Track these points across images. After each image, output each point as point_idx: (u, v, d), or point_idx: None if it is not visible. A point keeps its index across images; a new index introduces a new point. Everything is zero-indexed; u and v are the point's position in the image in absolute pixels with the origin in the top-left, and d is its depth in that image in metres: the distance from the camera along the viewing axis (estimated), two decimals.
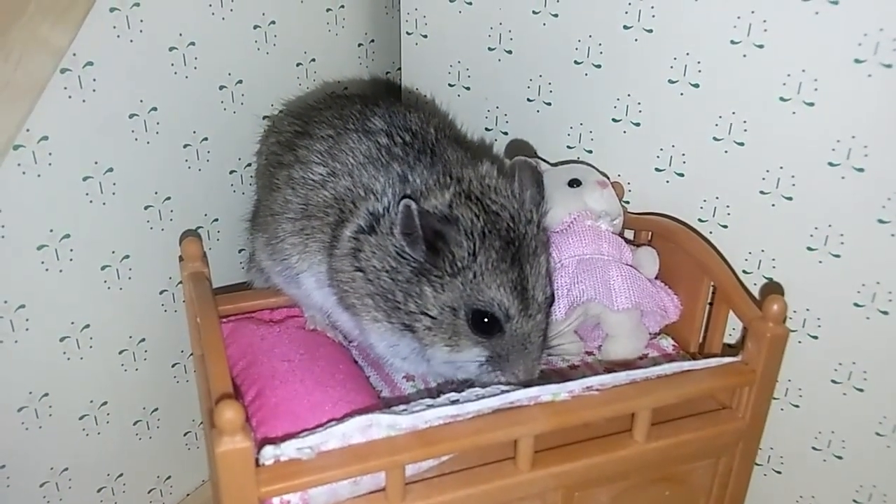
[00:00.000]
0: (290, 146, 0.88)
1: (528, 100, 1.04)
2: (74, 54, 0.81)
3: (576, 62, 0.98)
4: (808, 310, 0.92)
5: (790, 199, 0.89)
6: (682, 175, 0.96)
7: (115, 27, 0.84)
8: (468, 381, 0.77)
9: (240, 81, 0.99)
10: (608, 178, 1.00)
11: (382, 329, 0.79)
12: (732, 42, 0.87)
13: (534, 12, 0.99)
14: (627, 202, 1.02)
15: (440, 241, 0.73)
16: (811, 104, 0.84)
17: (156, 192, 0.94)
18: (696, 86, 0.91)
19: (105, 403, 0.96)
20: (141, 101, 0.89)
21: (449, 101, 1.10)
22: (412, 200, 0.72)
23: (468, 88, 1.09)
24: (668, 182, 0.97)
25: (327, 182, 0.82)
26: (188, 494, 1.11)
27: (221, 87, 0.98)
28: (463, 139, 0.94)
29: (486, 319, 0.74)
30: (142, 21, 0.86)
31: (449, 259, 0.73)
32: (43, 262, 0.85)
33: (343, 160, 0.82)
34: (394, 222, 0.75)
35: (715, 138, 0.92)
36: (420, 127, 0.86)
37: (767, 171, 0.89)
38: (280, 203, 0.85)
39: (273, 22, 1.00)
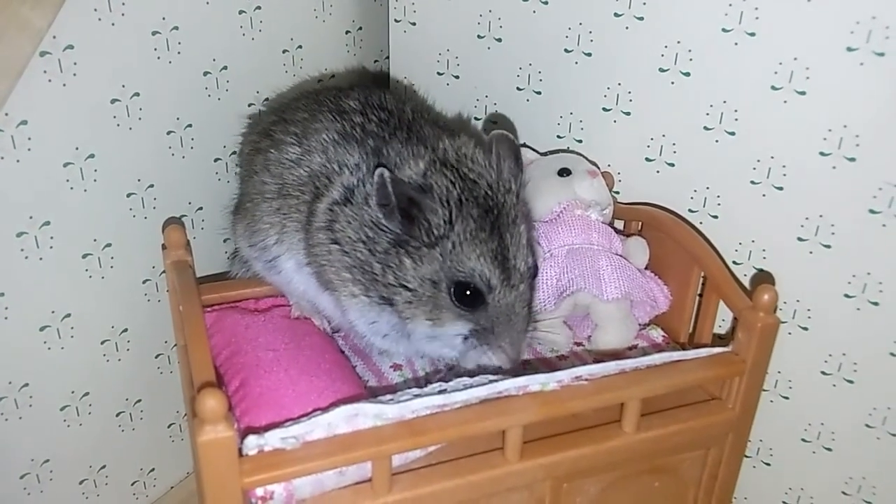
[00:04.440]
0: (267, 133, 0.88)
1: (518, 88, 1.03)
2: (54, 37, 0.79)
3: (566, 50, 0.98)
4: (798, 301, 0.91)
5: (781, 189, 0.88)
6: (672, 165, 0.95)
7: (96, 9, 0.82)
8: (455, 370, 0.76)
9: (224, 68, 0.98)
10: (598, 167, 0.99)
11: (360, 304, 0.77)
12: (724, 30, 0.86)
13: (523, 0, 0.98)
14: (617, 192, 1.01)
15: (415, 209, 0.72)
16: (803, 93, 0.84)
17: (138, 180, 0.93)
18: (687, 74, 0.90)
19: (87, 394, 0.95)
20: (123, 86, 0.88)
21: (438, 90, 1.08)
22: (386, 169, 0.71)
23: (457, 77, 1.07)
24: (658, 172, 0.97)
25: (301, 160, 0.81)
26: (172, 487, 1.10)
27: (206, 74, 0.96)
28: (444, 122, 0.93)
29: (468, 292, 0.73)
30: (124, 4, 0.84)
31: (425, 228, 0.72)
32: (22, 250, 0.84)
33: (317, 138, 0.81)
34: (369, 194, 0.74)
35: (706, 128, 0.91)
36: (396, 106, 0.85)
37: (758, 160, 0.89)
38: (258, 187, 0.84)
39: (259, 7, 0.99)
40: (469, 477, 0.72)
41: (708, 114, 0.91)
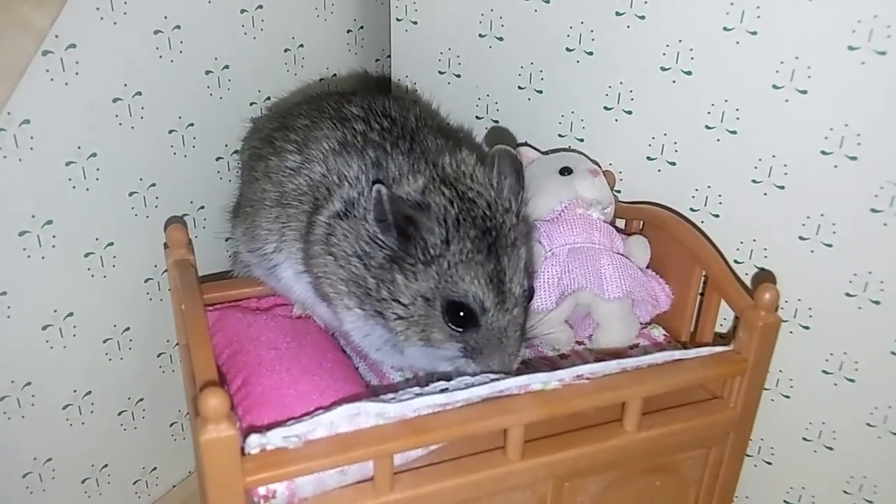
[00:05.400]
0: (269, 140, 0.88)
1: (520, 87, 1.03)
2: (57, 36, 0.79)
3: (567, 49, 0.97)
4: (799, 300, 0.91)
5: (782, 187, 0.88)
6: (673, 164, 0.95)
7: (98, 9, 0.82)
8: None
9: (226, 66, 0.98)
10: (599, 166, 0.99)
11: (354, 317, 0.77)
12: (725, 29, 0.86)
13: None
14: (619, 191, 1.01)
15: (412, 227, 0.72)
16: (804, 92, 0.84)
17: (140, 179, 0.93)
18: (689, 73, 0.90)
19: (89, 393, 0.95)
20: (125, 85, 0.88)
21: (439, 89, 1.08)
22: (383, 185, 0.71)
23: (458, 76, 1.07)
24: (659, 171, 0.97)
25: (302, 169, 0.81)
26: (174, 486, 1.10)
27: (208, 72, 0.96)
28: (447, 129, 0.93)
29: (461, 312, 0.72)
30: (126, 3, 0.84)
31: (421, 246, 0.72)
32: (25, 249, 0.84)
33: (317, 147, 0.81)
34: (367, 208, 0.74)
35: (707, 126, 0.91)
36: (400, 114, 0.84)
37: (760, 159, 0.89)
38: (258, 194, 0.84)
39: (260, 6, 0.99)
40: (471, 476, 0.72)
41: (709, 112, 0.90)
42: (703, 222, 0.95)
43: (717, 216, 0.94)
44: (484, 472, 0.73)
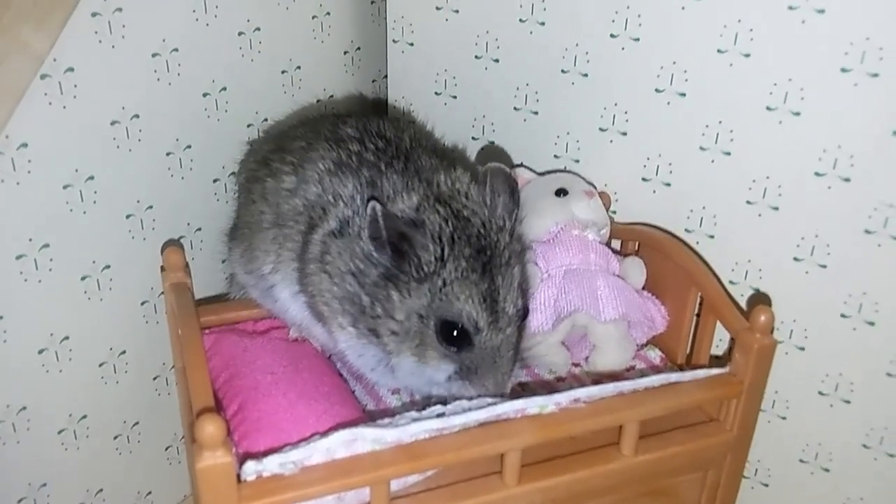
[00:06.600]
0: (265, 162, 0.88)
1: (515, 108, 1.04)
2: (55, 60, 0.80)
3: (563, 71, 0.98)
4: (794, 321, 0.91)
5: (776, 209, 0.89)
6: (668, 185, 0.96)
7: (96, 32, 0.83)
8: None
9: (224, 89, 0.98)
10: (595, 187, 0.99)
11: (348, 336, 0.77)
12: (719, 51, 0.87)
13: (521, 20, 0.98)
14: (614, 212, 1.01)
15: (406, 244, 0.72)
16: (797, 113, 0.84)
17: (137, 201, 0.93)
18: (683, 95, 0.91)
19: (84, 417, 0.94)
20: (123, 107, 0.88)
21: (435, 110, 1.09)
22: (378, 202, 0.71)
23: (455, 97, 1.08)
24: (654, 192, 0.97)
25: (298, 190, 0.81)
26: None
27: (205, 95, 0.96)
28: (442, 150, 0.93)
29: (454, 332, 0.72)
30: (124, 26, 0.85)
31: (415, 263, 0.72)
32: (21, 273, 0.84)
33: (313, 168, 0.81)
34: (362, 226, 0.74)
35: (701, 148, 0.92)
36: (394, 134, 0.85)
37: (754, 180, 0.89)
38: (255, 216, 0.85)
39: (258, 29, 0.99)
40: (467, 501, 0.72)
41: (703, 134, 0.91)
42: (697, 243, 0.96)
43: (711, 237, 0.95)
44: (481, 498, 0.72)
